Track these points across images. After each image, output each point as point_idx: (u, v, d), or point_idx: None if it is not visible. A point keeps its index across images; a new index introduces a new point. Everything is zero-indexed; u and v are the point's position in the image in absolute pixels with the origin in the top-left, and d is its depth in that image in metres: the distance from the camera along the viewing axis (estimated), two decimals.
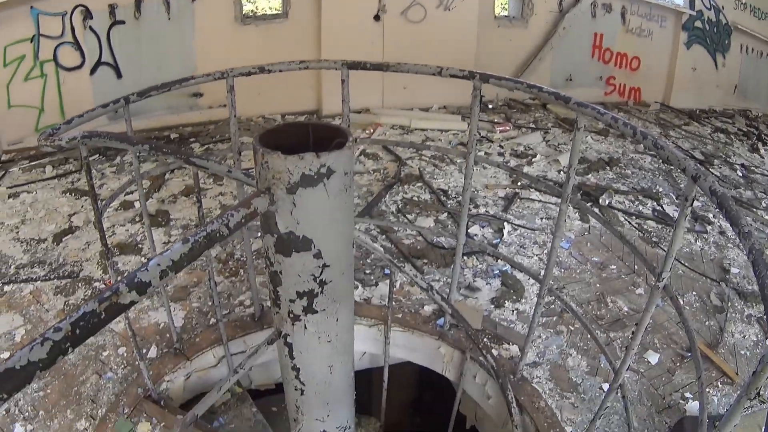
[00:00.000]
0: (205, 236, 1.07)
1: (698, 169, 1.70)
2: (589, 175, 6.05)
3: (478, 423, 3.95)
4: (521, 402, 3.08)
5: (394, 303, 3.71)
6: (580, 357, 3.45)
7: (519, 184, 5.46)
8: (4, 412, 3.23)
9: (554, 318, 3.72)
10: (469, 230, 4.53)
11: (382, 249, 2.75)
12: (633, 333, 2.20)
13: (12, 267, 4.23)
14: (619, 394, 2.48)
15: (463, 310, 3.62)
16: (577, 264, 4.29)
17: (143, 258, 4.27)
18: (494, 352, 3.39)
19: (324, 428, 2.06)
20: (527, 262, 4.24)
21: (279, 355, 1.81)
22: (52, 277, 4.10)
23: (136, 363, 3.13)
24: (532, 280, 3.94)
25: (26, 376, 0.81)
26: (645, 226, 5.01)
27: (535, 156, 6.58)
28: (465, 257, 4.20)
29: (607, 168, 6.36)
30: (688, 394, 3.22)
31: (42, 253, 4.40)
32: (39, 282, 4.04)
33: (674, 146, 4.65)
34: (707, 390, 3.14)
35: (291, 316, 1.59)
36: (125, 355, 3.43)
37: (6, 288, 3.96)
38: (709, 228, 5.14)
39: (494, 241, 4.48)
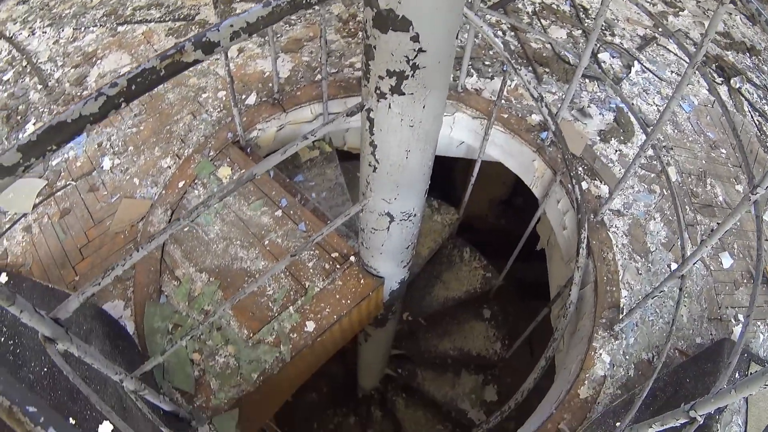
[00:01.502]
0: (290, 2, 1.00)
1: None
2: (728, 52, 5.19)
3: (547, 249, 4.00)
4: (591, 245, 3.00)
5: (503, 102, 3.57)
6: (662, 225, 3.22)
7: (660, 29, 4.78)
8: (96, 146, 3.51)
9: (652, 175, 3.45)
10: (598, 55, 4.11)
11: (502, 45, 2.54)
12: (714, 229, 2.01)
13: (129, 8, 4.24)
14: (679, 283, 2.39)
15: (568, 131, 3.42)
16: (692, 132, 3.85)
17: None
18: (584, 184, 3.26)
19: (389, 210, 2.15)
20: (645, 108, 3.86)
21: (361, 128, 1.83)
22: (167, 19, 4.10)
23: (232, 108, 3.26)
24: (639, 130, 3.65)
25: (77, 129, 0.84)
26: (766, 128, 4.37)
27: (683, 10, 5.65)
28: (586, 79, 3.88)
29: (748, 54, 5.40)
30: (741, 317, 2.99)
31: None
32: (153, 23, 4.05)
33: None
34: (758, 325, 2.94)
35: (378, 92, 1.56)
36: (223, 99, 3.53)
37: (120, 28, 4.02)
38: None
39: (620, 75, 4.07)
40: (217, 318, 2.62)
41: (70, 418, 2.33)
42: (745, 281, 3.15)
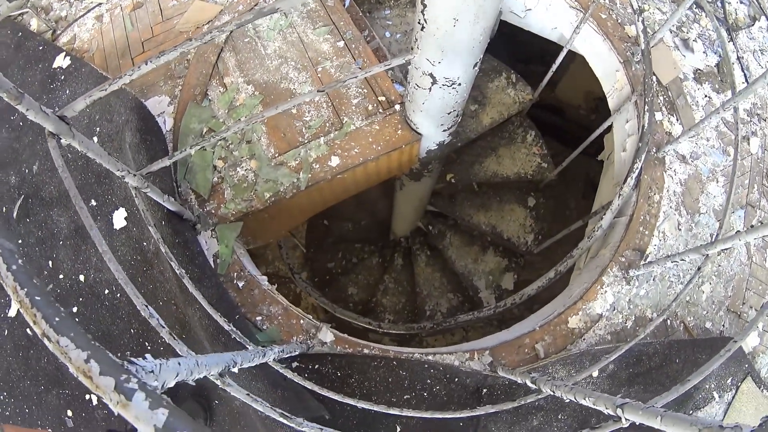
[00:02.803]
0: None
1: None
2: None
3: (606, 162, 3.77)
4: (642, 179, 2.78)
5: (607, 1, 3.20)
6: (723, 190, 2.93)
7: None
8: None
9: (733, 137, 3.04)
10: None
11: None
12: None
13: None
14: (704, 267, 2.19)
15: (662, 56, 3.06)
16: None
17: None
18: (658, 116, 2.95)
19: (432, 71, 2.04)
20: (753, 68, 3.31)
21: None
22: None
23: None
24: (743, 82, 3.18)
25: None
26: None
27: None
28: (703, 12, 3.35)
29: None
30: (761, 324, 2.74)
31: None
32: None
33: None
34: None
35: None
36: None
37: None
38: None
39: (741, 24, 3.46)
40: (249, 128, 2.68)
41: (93, 200, 2.56)
42: None
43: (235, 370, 1.21)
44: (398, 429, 2.21)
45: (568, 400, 1.50)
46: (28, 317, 0.65)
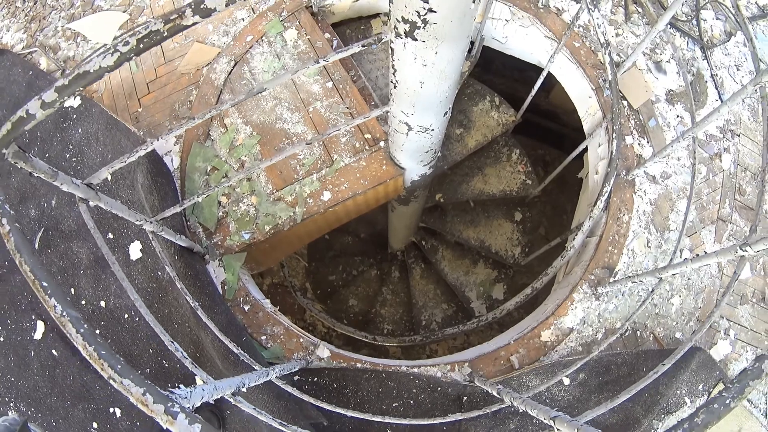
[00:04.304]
0: None
1: None
2: None
3: (585, 180, 4.02)
4: (611, 201, 3.01)
5: (580, 29, 3.46)
6: (693, 208, 3.12)
7: None
8: None
9: (707, 155, 3.28)
10: (702, 11, 3.71)
11: None
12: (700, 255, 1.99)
13: None
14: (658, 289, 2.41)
15: (634, 81, 3.31)
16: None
17: None
18: (629, 139, 3.19)
19: (407, 121, 2.33)
20: (728, 84, 3.50)
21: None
22: None
23: None
24: (716, 99, 3.44)
25: (98, 76, 1.11)
26: None
27: None
28: (674, 31, 3.60)
29: None
30: (732, 332, 2.91)
31: None
32: None
33: None
34: (746, 350, 2.92)
35: (395, 30, 1.68)
36: None
37: None
38: None
39: (717, 41, 3.66)
40: (249, 167, 2.98)
41: (110, 233, 2.84)
42: (753, 300, 3.09)
43: (244, 390, 1.51)
44: None
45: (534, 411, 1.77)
46: (97, 366, 0.95)
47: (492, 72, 5.30)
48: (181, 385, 1.09)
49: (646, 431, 2.69)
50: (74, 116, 3.37)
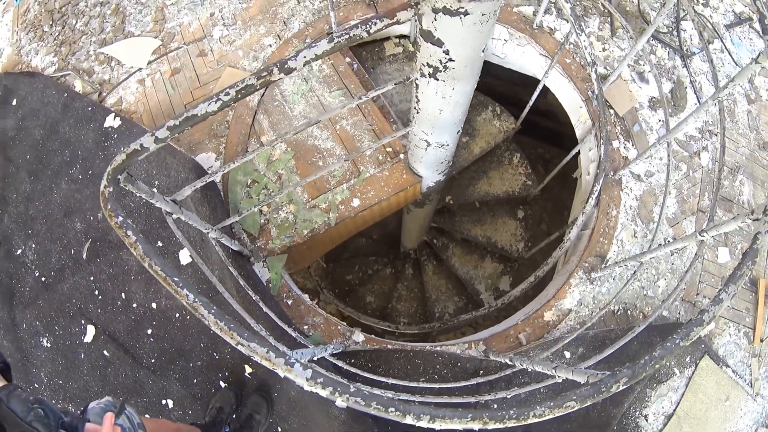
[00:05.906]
0: (347, 38, 1.57)
1: None
2: None
3: (579, 180, 4.43)
4: (601, 198, 3.40)
5: (571, 46, 3.86)
6: (675, 201, 3.48)
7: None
8: (209, 15, 3.93)
9: (687, 154, 3.64)
10: (682, 22, 4.06)
11: (569, 8, 2.84)
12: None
13: None
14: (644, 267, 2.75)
15: (620, 90, 3.71)
16: (745, 125, 3.82)
17: None
18: (615, 143, 3.60)
19: (426, 138, 2.77)
20: (706, 89, 3.85)
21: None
22: None
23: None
24: (695, 103, 3.79)
25: (202, 118, 1.48)
26: None
27: None
28: (656, 43, 3.97)
29: None
30: (707, 300, 3.18)
31: None
32: None
33: None
34: (728, 325, 3.27)
35: (420, 71, 2.12)
36: None
37: None
38: None
39: (695, 49, 4.02)
40: (286, 179, 3.42)
41: (159, 242, 3.23)
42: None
43: (315, 359, 1.95)
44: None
45: (545, 375, 2.16)
46: (227, 337, 1.32)
47: (492, 75, 5.72)
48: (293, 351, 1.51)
49: (639, 398, 3.12)
50: (115, 136, 3.63)
